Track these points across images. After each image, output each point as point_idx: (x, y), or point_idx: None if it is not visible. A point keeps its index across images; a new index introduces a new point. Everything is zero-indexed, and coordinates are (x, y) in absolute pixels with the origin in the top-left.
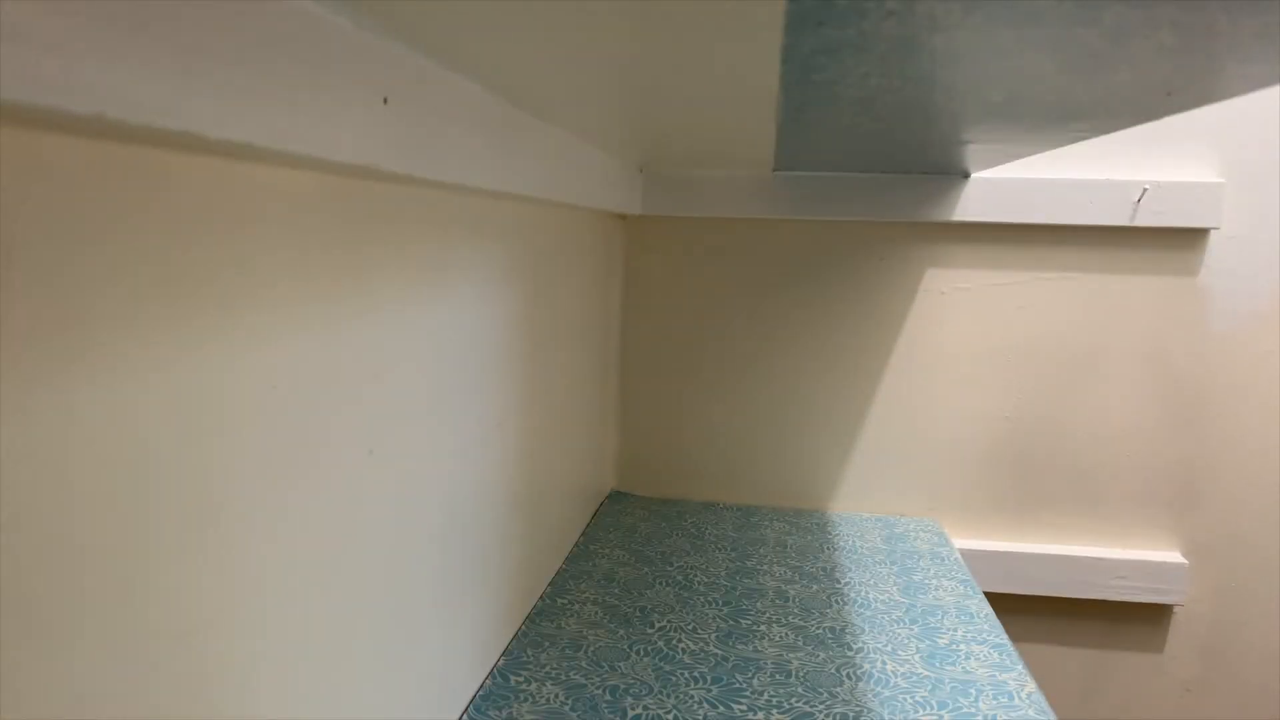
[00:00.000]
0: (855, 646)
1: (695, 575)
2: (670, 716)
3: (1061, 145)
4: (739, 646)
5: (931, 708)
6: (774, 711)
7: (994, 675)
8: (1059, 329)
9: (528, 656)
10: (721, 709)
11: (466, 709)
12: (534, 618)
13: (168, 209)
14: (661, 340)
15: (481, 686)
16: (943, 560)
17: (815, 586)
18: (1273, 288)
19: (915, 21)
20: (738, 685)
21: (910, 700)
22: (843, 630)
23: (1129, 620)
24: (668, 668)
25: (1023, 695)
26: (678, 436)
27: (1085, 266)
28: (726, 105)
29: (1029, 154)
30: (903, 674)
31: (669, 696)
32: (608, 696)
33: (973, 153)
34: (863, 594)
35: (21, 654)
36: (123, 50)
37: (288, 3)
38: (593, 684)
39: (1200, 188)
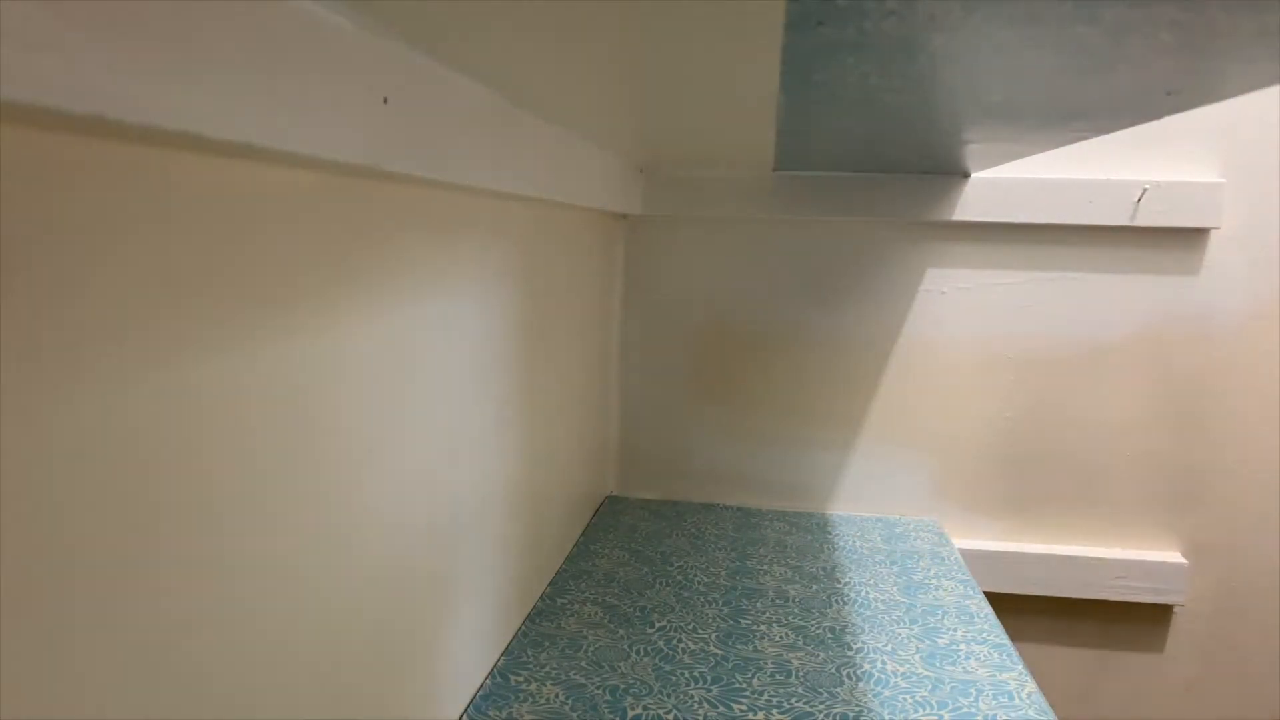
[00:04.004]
0: (855, 646)
1: (695, 575)
2: (670, 716)
3: (1061, 145)
4: (739, 646)
5: (931, 707)
6: (774, 711)
7: (994, 675)
8: (1059, 329)
9: (528, 656)
10: (721, 709)
11: (466, 709)
12: (534, 618)
13: (168, 209)
14: (661, 340)
15: (481, 686)
16: (943, 560)
17: (815, 586)
18: (1273, 288)
19: (915, 21)
20: (738, 685)
21: (910, 700)
22: (843, 630)
23: (1129, 620)
24: (668, 668)
25: (1023, 695)
26: (678, 436)
27: (1085, 266)
28: (727, 105)
29: (1029, 154)
30: (903, 674)
31: (669, 696)
32: (608, 696)
33: (973, 153)
34: (863, 594)
35: (20, 653)
36: (123, 50)
37: (288, 3)
38: (593, 684)
39: (1200, 188)
